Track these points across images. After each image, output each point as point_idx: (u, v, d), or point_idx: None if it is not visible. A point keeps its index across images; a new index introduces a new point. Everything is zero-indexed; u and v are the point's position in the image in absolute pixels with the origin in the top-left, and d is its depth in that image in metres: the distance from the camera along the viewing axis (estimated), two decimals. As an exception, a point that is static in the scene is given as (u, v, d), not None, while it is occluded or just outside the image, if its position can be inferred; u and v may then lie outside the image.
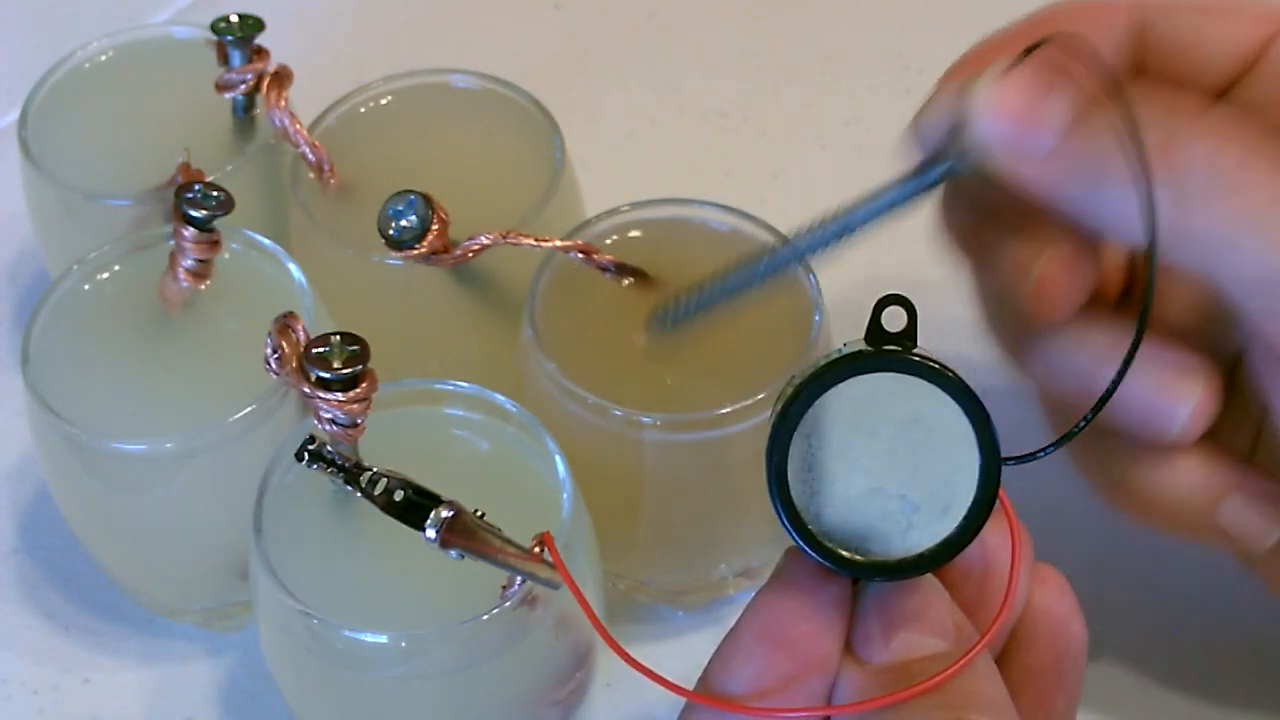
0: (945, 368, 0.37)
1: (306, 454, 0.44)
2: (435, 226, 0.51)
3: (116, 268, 0.54)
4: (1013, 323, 0.48)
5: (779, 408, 0.38)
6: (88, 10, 0.77)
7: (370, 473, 0.43)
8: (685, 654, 0.55)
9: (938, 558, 0.38)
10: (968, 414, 0.37)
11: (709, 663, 0.39)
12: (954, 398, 0.37)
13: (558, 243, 0.52)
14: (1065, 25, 0.47)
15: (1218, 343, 0.46)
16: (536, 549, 0.43)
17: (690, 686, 0.39)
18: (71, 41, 0.61)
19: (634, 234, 0.55)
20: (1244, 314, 0.43)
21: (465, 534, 0.42)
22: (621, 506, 0.52)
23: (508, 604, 0.44)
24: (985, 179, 0.43)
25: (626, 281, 0.53)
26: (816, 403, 0.37)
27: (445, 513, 0.42)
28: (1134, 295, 0.49)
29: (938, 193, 0.46)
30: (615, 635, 0.40)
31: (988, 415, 0.37)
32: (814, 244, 0.45)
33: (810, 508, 0.38)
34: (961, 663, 0.37)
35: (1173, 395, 0.45)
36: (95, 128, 0.60)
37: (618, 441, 0.50)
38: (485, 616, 0.44)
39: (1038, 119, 0.42)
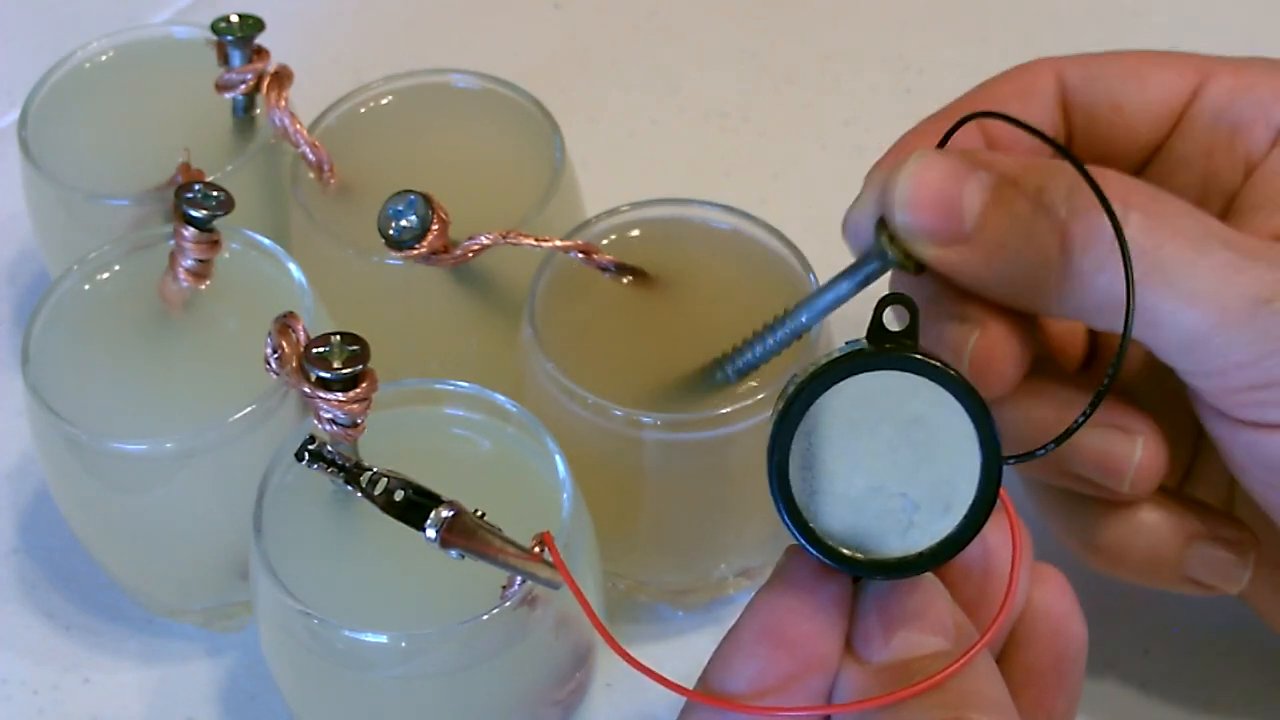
0: (947, 366, 0.37)
1: (306, 454, 0.44)
2: (435, 226, 0.51)
3: (116, 268, 0.54)
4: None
5: (780, 406, 0.38)
6: (88, 10, 0.77)
7: (370, 473, 0.43)
8: (685, 654, 0.55)
9: (938, 556, 0.38)
10: (969, 412, 0.37)
11: (709, 662, 0.39)
12: (955, 396, 0.37)
13: (558, 243, 0.52)
14: (995, 103, 0.48)
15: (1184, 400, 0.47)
16: (536, 549, 0.43)
17: (690, 686, 0.39)
18: (71, 41, 0.61)
19: (634, 234, 0.55)
20: (1177, 373, 0.44)
21: (465, 534, 0.42)
22: (621, 506, 0.52)
23: (508, 604, 0.44)
24: (916, 268, 0.44)
25: (626, 281, 0.53)
26: (818, 401, 0.37)
27: (445, 513, 0.42)
28: (1098, 358, 0.51)
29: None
30: (615, 635, 0.40)
31: (989, 413, 0.37)
32: (765, 352, 0.49)
33: (811, 506, 0.38)
34: (962, 661, 0.37)
35: (1118, 453, 0.46)
36: (95, 128, 0.60)
37: (618, 441, 0.50)
38: (485, 616, 0.44)
39: (952, 205, 0.43)
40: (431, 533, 0.42)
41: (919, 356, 0.37)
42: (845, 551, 0.38)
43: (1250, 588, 0.49)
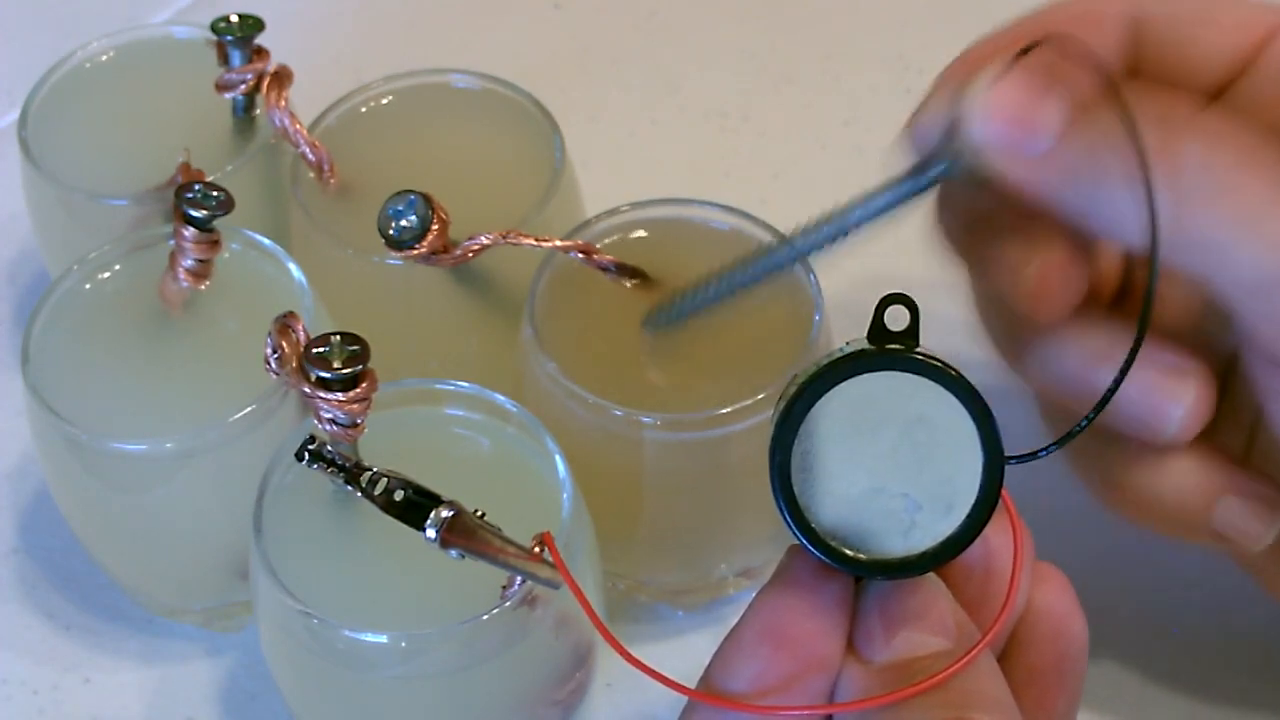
0: (948, 366, 0.37)
1: (307, 454, 0.44)
2: (435, 226, 0.51)
3: (116, 268, 0.54)
4: (1008, 325, 0.48)
5: (782, 406, 0.38)
6: (88, 10, 0.77)
7: (370, 473, 0.43)
8: (685, 654, 0.55)
9: (940, 556, 0.38)
10: (971, 413, 0.37)
11: (710, 661, 0.39)
12: (957, 396, 0.37)
13: (558, 243, 0.52)
14: (1060, 26, 0.47)
15: (1212, 344, 0.46)
16: (536, 549, 0.43)
17: (691, 686, 0.39)
18: (71, 41, 0.61)
19: (634, 234, 0.55)
20: (1239, 317, 0.43)
21: (465, 534, 0.42)
22: (621, 506, 0.52)
23: (508, 604, 0.44)
24: (981, 181, 0.43)
25: (627, 281, 0.53)
26: (819, 401, 0.37)
27: (445, 513, 0.42)
28: (1130, 296, 0.49)
29: (932, 195, 0.46)
30: (615, 635, 0.40)
31: (991, 414, 0.37)
32: (810, 244, 0.46)
33: (813, 506, 0.38)
34: (963, 661, 0.37)
35: (1167, 396, 0.45)
36: (95, 128, 0.60)
37: (618, 441, 0.50)
38: (485, 616, 0.44)
39: (1033, 121, 0.42)
40: (431, 533, 0.42)
41: (921, 356, 0.37)
42: (847, 551, 0.38)
43: (1259, 552, 0.48)
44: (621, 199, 0.55)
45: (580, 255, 0.52)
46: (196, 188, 0.51)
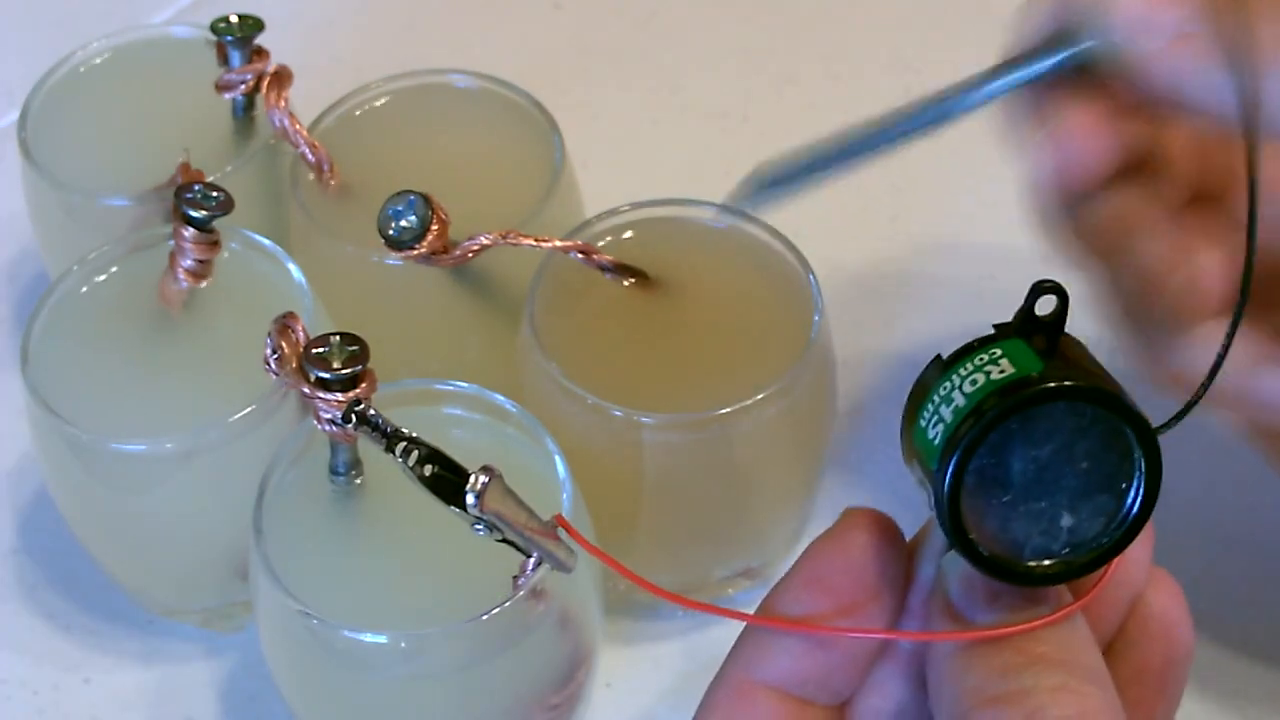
0: (1120, 394, 0.35)
1: (354, 415, 0.44)
2: (435, 226, 0.51)
3: (116, 268, 0.54)
4: (1155, 320, 0.47)
5: (956, 428, 0.35)
6: (88, 10, 0.77)
7: (405, 442, 0.43)
8: (686, 654, 0.55)
9: (1082, 569, 0.36)
10: (1135, 436, 0.36)
11: (767, 596, 0.39)
12: (1123, 420, 0.36)
13: (558, 243, 0.52)
14: None
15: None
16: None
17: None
18: (71, 41, 0.61)
19: (634, 234, 0.55)
20: None
21: (500, 500, 0.41)
22: (621, 506, 0.52)
23: (520, 594, 0.44)
24: (1107, 70, 0.42)
25: (626, 281, 0.53)
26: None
27: (483, 478, 0.41)
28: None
29: (1056, 209, 0.45)
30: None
31: (1155, 438, 0.35)
32: (913, 125, 0.44)
33: (970, 516, 0.37)
34: (1059, 615, 0.36)
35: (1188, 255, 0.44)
36: (95, 128, 0.60)
37: (618, 441, 0.50)
38: (485, 616, 0.44)
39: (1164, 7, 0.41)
40: (471, 498, 0.41)
41: (1094, 388, 0.35)
42: (997, 559, 0.37)
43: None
44: (621, 199, 0.55)
45: (580, 255, 0.52)
46: (196, 188, 0.51)
